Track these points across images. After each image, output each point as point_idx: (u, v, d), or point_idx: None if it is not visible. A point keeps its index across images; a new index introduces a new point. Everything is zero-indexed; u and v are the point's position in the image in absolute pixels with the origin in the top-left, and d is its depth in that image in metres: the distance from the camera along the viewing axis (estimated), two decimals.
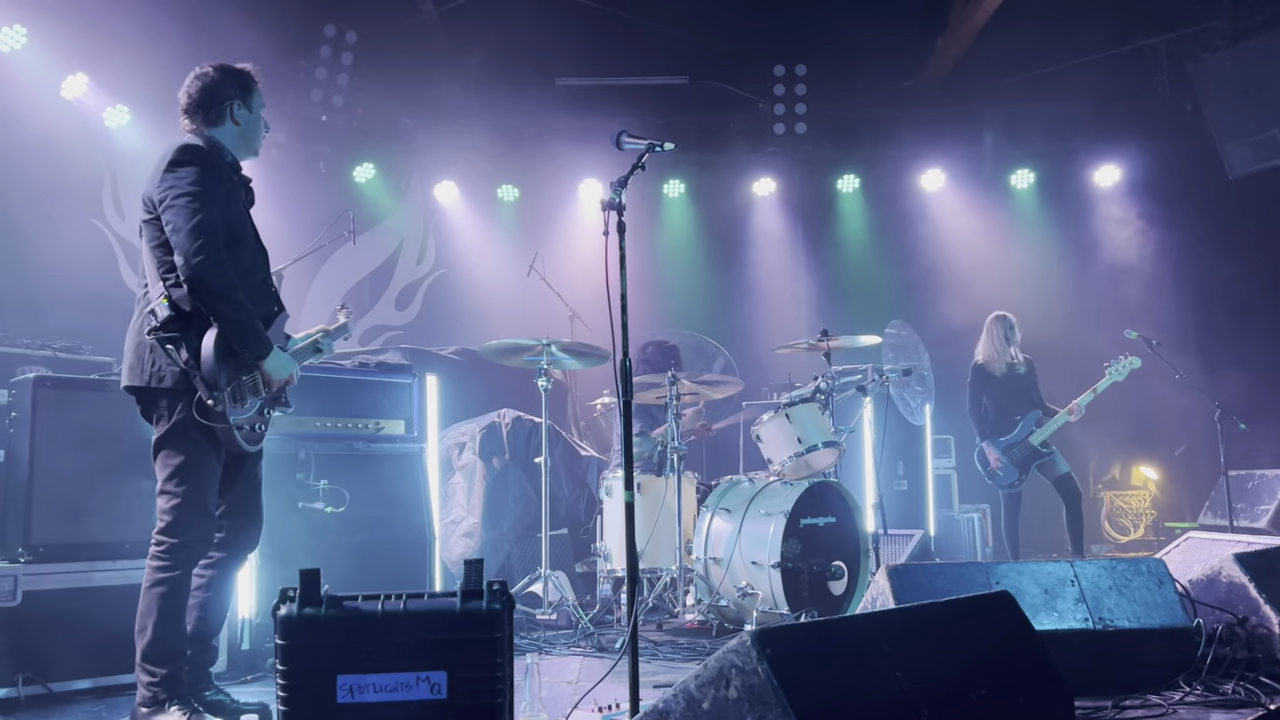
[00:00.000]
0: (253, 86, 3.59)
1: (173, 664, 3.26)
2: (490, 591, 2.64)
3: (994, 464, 6.70)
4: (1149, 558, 3.95)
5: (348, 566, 4.63)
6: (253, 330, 3.31)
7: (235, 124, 3.52)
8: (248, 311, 3.29)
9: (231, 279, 3.25)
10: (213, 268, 3.20)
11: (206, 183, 3.28)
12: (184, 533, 3.28)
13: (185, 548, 3.29)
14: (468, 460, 6.34)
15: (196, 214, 3.22)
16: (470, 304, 9.31)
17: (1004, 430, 6.75)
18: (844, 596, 5.32)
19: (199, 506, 3.30)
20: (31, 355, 5.38)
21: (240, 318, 3.26)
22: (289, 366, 3.46)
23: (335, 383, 5.08)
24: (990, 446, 6.74)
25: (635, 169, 3.41)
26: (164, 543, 3.28)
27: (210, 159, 3.36)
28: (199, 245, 3.18)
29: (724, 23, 8.82)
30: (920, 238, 9.60)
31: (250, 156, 3.63)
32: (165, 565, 3.27)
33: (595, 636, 4.96)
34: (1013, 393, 6.80)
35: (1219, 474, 7.15)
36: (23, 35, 6.70)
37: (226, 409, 3.22)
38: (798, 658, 2.33)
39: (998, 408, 6.80)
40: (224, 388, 3.21)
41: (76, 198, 7.20)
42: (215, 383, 3.18)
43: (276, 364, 3.39)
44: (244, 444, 3.31)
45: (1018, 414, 6.75)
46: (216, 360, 3.19)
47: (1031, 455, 6.66)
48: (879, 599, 3.71)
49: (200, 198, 3.24)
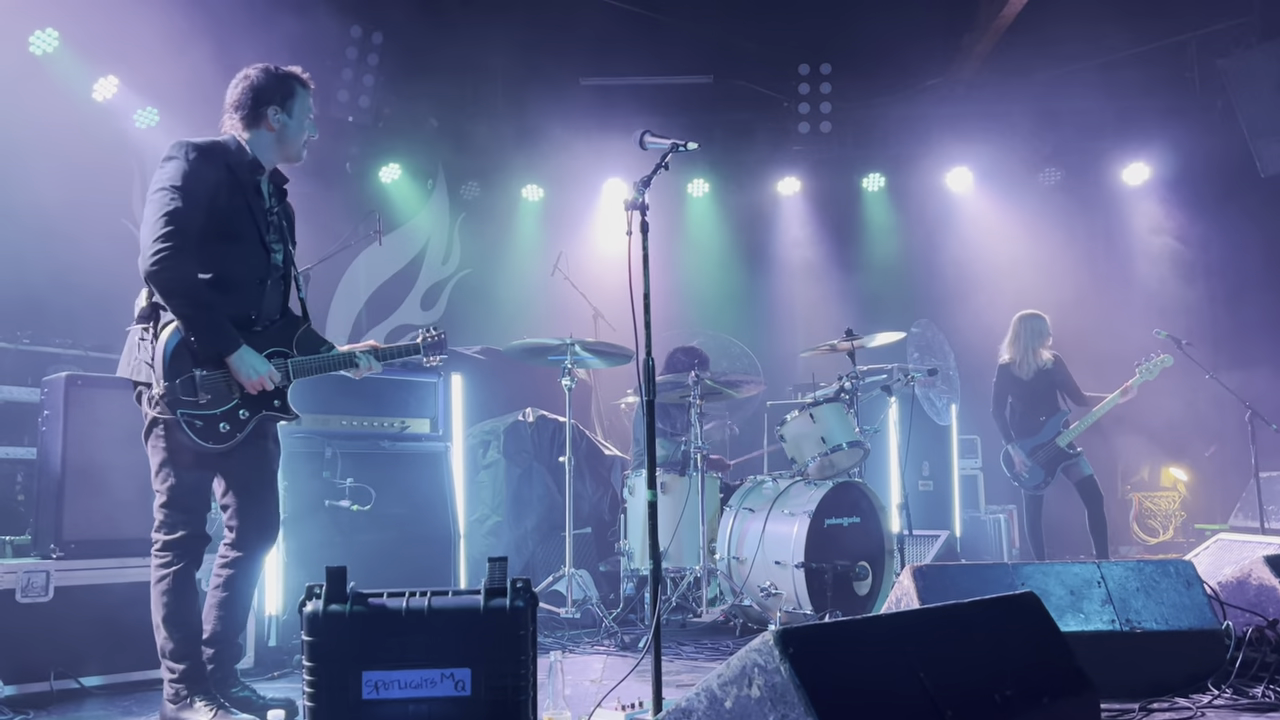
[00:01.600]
0: (296, 91, 3.55)
1: (190, 659, 3.29)
2: (514, 589, 2.66)
3: (1019, 467, 6.64)
4: (1177, 559, 3.92)
5: (373, 564, 4.67)
6: (209, 327, 3.26)
7: (270, 129, 3.50)
8: (204, 308, 3.25)
9: (186, 274, 3.22)
10: (166, 262, 3.18)
11: (185, 179, 3.26)
12: (173, 529, 3.31)
13: (177, 544, 3.31)
14: (492, 459, 6.37)
15: (163, 208, 3.21)
16: (495, 303, 9.34)
17: (1030, 432, 6.67)
18: (868, 597, 5.30)
19: (182, 501, 3.31)
20: (63, 355, 5.46)
21: (191, 314, 3.23)
22: (258, 367, 3.33)
23: (361, 381, 5.06)
24: (1016, 449, 6.67)
25: (659, 169, 3.40)
26: (158, 540, 3.33)
27: (201, 154, 3.32)
28: (157, 237, 3.19)
29: (748, 22, 8.80)
30: (946, 237, 9.53)
31: (288, 162, 3.61)
32: (163, 562, 3.31)
33: (618, 635, 4.97)
34: (1039, 393, 6.72)
35: (1250, 475, 7.05)
36: (55, 38, 6.78)
37: (174, 401, 3.20)
38: (820, 657, 2.33)
39: (1024, 409, 6.72)
40: (170, 378, 3.20)
41: (107, 198, 7.27)
42: (160, 373, 3.20)
43: (242, 363, 3.30)
44: (193, 438, 3.24)
45: (1043, 415, 6.67)
46: (169, 351, 3.21)
47: (1058, 456, 6.58)
48: (904, 599, 3.70)
49: (174, 192, 3.23)
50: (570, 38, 8.63)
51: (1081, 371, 7.03)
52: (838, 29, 8.85)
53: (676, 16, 8.62)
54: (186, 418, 3.24)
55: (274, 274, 3.53)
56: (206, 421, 3.28)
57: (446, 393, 5.51)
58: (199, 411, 3.27)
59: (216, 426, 3.30)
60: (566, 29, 8.61)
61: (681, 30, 8.69)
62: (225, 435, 3.32)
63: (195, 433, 3.25)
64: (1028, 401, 6.72)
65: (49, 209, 6.73)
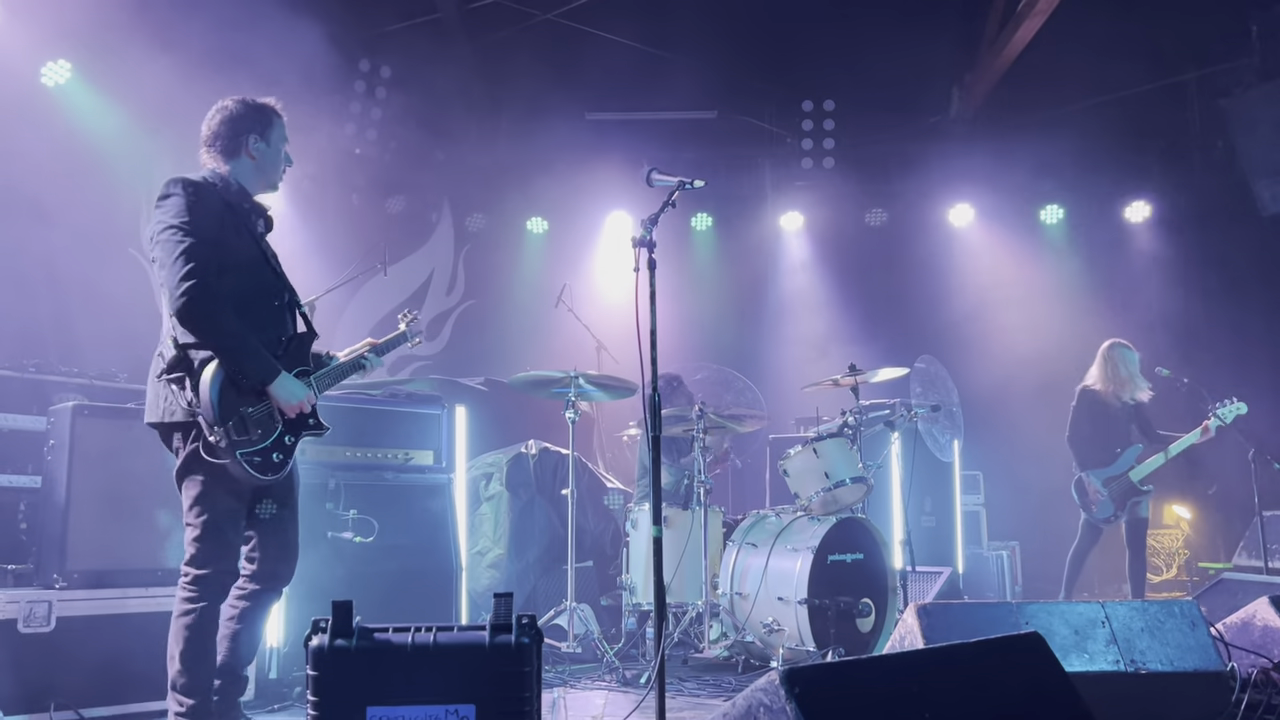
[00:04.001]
0: (273, 121, 3.59)
1: (200, 695, 3.28)
2: (519, 625, 2.65)
3: (1094, 496, 6.49)
4: (1182, 600, 3.90)
5: (374, 596, 4.65)
6: (252, 356, 3.28)
7: (251, 158, 3.52)
8: (243, 338, 3.26)
9: (219, 307, 3.24)
10: (198, 297, 3.19)
11: (192, 213, 3.27)
12: (206, 564, 3.30)
13: (209, 579, 3.30)
14: (495, 491, 6.37)
15: (179, 245, 3.22)
16: (499, 335, 9.38)
17: (1103, 462, 6.53)
18: (871, 634, 5.28)
19: (219, 537, 3.31)
20: (68, 383, 5.46)
21: (233, 345, 3.24)
22: (299, 392, 3.38)
23: (365, 413, 5.13)
24: (1091, 477, 6.53)
25: (666, 206, 3.44)
26: (189, 574, 3.31)
27: (199, 190, 3.35)
28: (182, 275, 3.19)
29: (753, 58, 8.90)
30: (949, 273, 9.58)
31: (267, 190, 3.62)
32: (191, 596, 3.29)
33: (620, 670, 4.95)
34: (1118, 424, 6.61)
35: (1254, 514, 7.04)
36: (67, 69, 6.86)
37: (231, 443, 3.20)
38: (826, 697, 2.32)
39: (1100, 439, 6.58)
40: (224, 422, 3.19)
41: (114, 228, 7.32)
42: (215, 419, 3.18)
43: (284, 390, 3.33)
44: (255, 474, 3.26)
45: (1119, 446, 6.55)
46: (215, 395, 3.19)
47: (1130, 491, 6.46)
48: (907, 638, 3.68)
49: (184, 229, 3.24)
50: (576, 72, 8.72)
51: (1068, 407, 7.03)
52: (841, 66, 8.94)
53: (681, 53, 8.71)
54: (246, 456, 3.25)
55: (285, 295, 3.57)
56: (263, 456, 3.31)
57: (450, 424, 5.51)
58: (254, 449, 3.28)
59: (271, 458, 3.33)
60: (572, 64, 8.71)
61: (686, 66, 8.78)
62: (279, 465, 3.36)
63: (255, 469, 3.27)
64: (1106, 431, 6.59)
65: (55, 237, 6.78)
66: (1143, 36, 8.34)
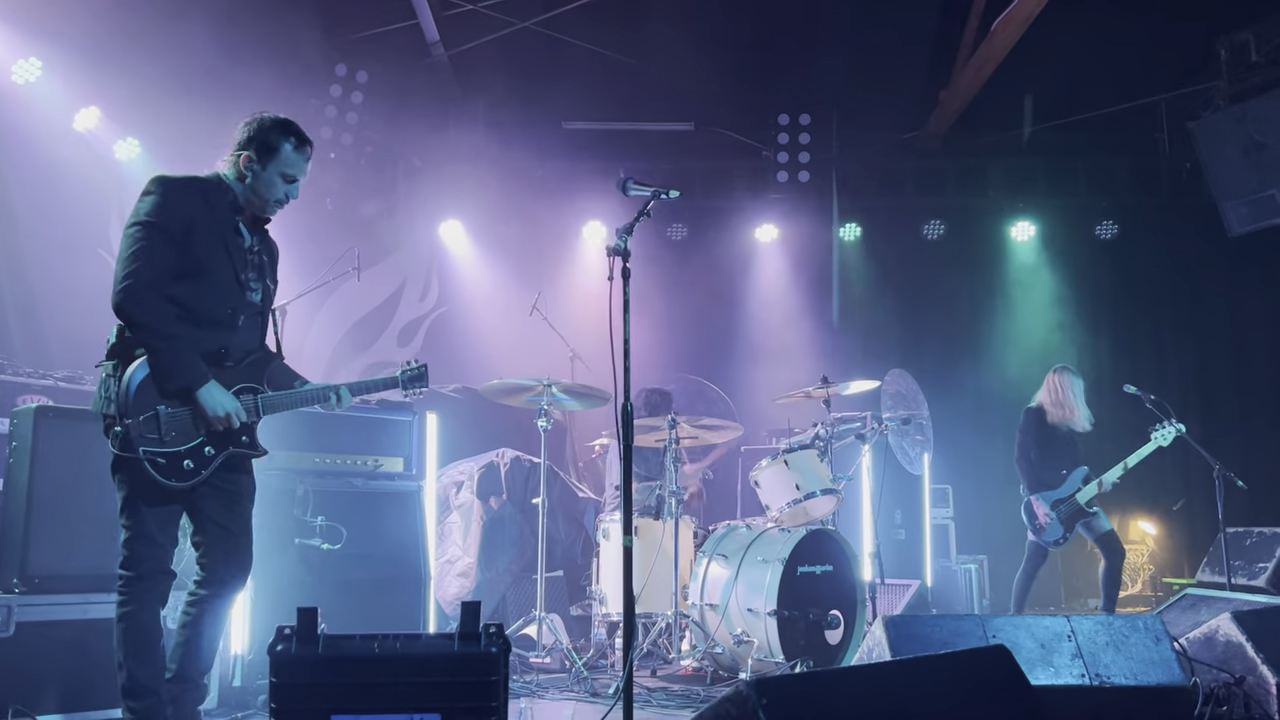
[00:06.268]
0: (279, 148, 3.51)
1: (149, 696, 3.23)
2: (487, 634, 2.64)
3: (1043, 519, 6.46)
4: (1146, 614, 3.94)
5: (341, 604, 4.60)
6: (178, 361, 3.25)
7: (241, 178, 3.49)
8: (171, 339, 3.25)
9: (154, 307, 3.23)
10: (134, 296, 3.20)
11: (160, 214, 3.27)
12: (136, 565, 3.26)
13: (140, 580, 3.26)
14: (465, 499, 6.33)
15: (136, 243, 3.23)
16: (472, 342, 9.34)
17: (1049, 484, 6.52)
18: (840, 646, 5.29)
19: (148, 538, 3.27)
20: (33, 385, 5.40)
21: (158, 345, 3.23)
22: (226, 404, 3.33)
23: (335, 419, 5.08)
24: (1039, 500, 6.49)
25: (641, 216, 3.44)
26: (122, 576, 3.28)
27: (179, 191, 3.34)
28: (127, 271, 3.20)
29: (730, 71, 8.94)
30: (920, 287, 9.65)
31: (257, 213, 3.57)
32: (124, 599, 3.26)
33: (589, 681, 4.93)
34: (1063, 445, 6.62)
35: (1217, 530, 7.12)
36: (38, 68, 6.79)
37: (136, 439, 3.18)
38: (794, 708, 2.33)
39: (1045, 460, 6.57)
40: (134, 414, 3.19)
41: (84, 228, 7.24)
42: (125, 409, 3.18)
43: (208, 397, 3.29)
44: (157, 476, 3.22)
45: (1064, 468, 6.55)
46: (134, 387, 3.20)
47: (1078, 513, 6.46)
48: (875, 650, 3.69)
49: (147, 228, 3.25)
50: (553, 81, 8.73)
51: None
52: (817, 81, 9.01)
53: (659, 64, 8.74)
54: (149, 455, 3.21)
55: (249, 310, 3.51)
56: (169, 459, 3.25)
57: (421, 431, 5.48)
58: (162, 449, 3.24)
59: (180, 464, 3.27)
60: (550, 73, 8.71)
61: (663, 78, 8.81)
62: (189, 473, 3.29)
63: (158, 470, 3.22)
64: (1052, 453, 6.59)
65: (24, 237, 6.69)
66: (1113, 58, 8.46)
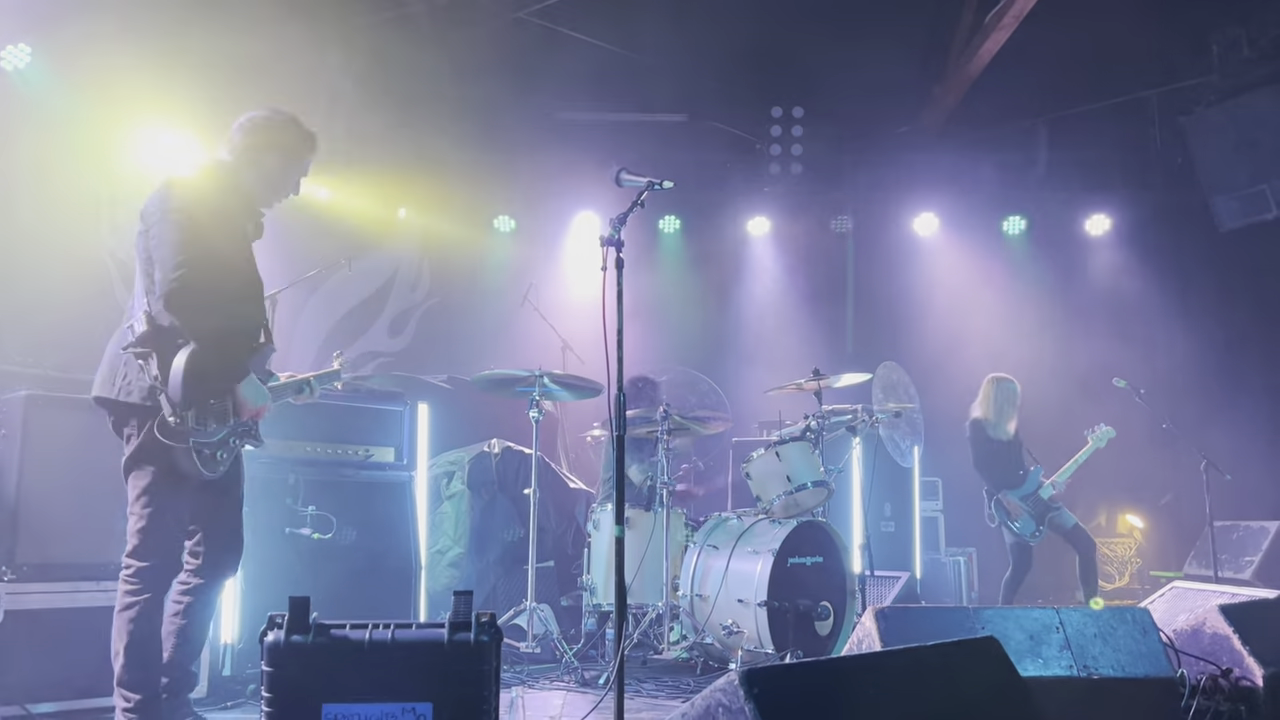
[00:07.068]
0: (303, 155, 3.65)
1: (147, 689, 3.24)
2: (479, 624, 2.64)
3: (1015, 511, 6.58)
4: (1134, 606, 3.96)
5: (332, 593, 4.61)
6: (230, 352, 3.30)
7: (265, 174, 3.56)
8: (226, 331, 3.28)
9: (209, 298, 3.25)
10: (192, 283, 3.20)
11: (198, 205, 3.31)
12: (150, 555, 3.27)
13: (152, 570, 3.27)
14: (456, 490, 6.33)
15: (183, 230, 3.24)
16: (463, 332, 9.32)
17: (1014, 484, 6.67)
18: (829, 637, 5.30)
19: (164, 529, 3.28)
20: (23, 373, 5.36)
21: (217, 336, 3.25)
22: (263, 396, 3.41)
23: (326, 409, 5.07)
24: (1009, 496, 6.62)
25: (635, 206, 3.44)
26: (131, 565, 3.28)
27: (210, 185, 3.38)
28: (180, 260, 3.20)
29: (724, 63, 8.93)
30: (912, 281, 9.67)
31: (264, 205, 3.64)
32: (133, 589, 3.26)
33: (579, 671, 4.94)
34: (1012, 449, 6.79)
35: (1204, 524, 7.17)
36: (26, 54, 6.73)
37: (189, 428, 3.20)
38: (784, 699, 2.33)
39: (1002, 466, 6.73)
40: (188, 407, 3.19)
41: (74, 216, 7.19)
42: (180, 400, 3.17)
43: (251, 390, 3.36)
44: (200, 468, 3.26)
45: (1020, 469, 6.71)
46: (185, 378, 3.18)
47: (1045, 508, 6.61)
48: (865, 641, 3.70)
49: (189, 215, 3.27)
50: (547, 72, 8.69)
51: (1036, 416, 7.12)
52: (811, 74, 9.00)
53: (653, 55, 8.72)
54: (197, 445, 3.24)
55: (261, 304, 3.60)
56: (211, 450, 3.30)
57: (412, 421, 5.47)
58: (207, 439, 3.27)
59: (216, 455, 3.33)
60: (543, 63, 8.68)
61: (657, 69, 8.79)
62: (221, 463, 3.36)
63: (201, 461, 3.26)
64: (1005, 457, 6.75)
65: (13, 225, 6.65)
66: (1106, 53, 8.46)
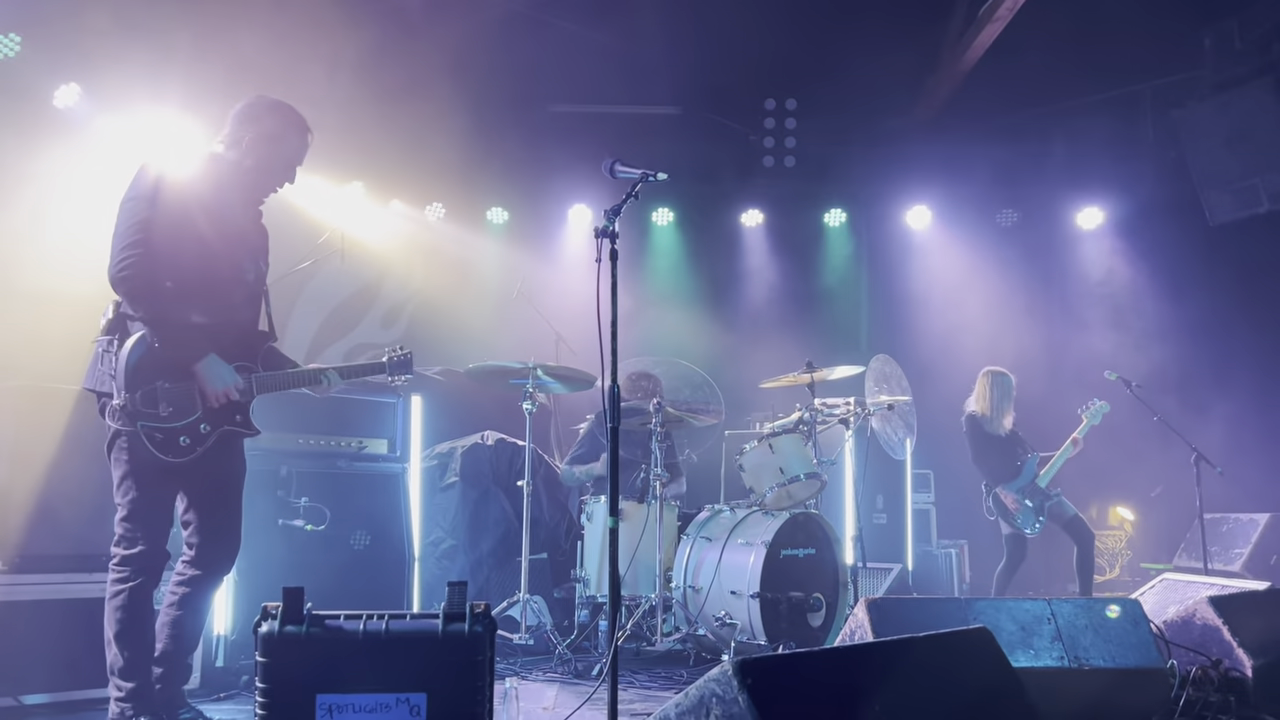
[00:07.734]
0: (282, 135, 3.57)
1: (139, 677, 3.24)
2: (473, 614, 2.64)
3: (1013, 507, 6.61)
4: (1125, 598, 3.98)
5: (325, 585, 4.60)
6: (178, 332, 3.27)
7: (245, 159, 3.51)
8: (173, 316, 3.26)
9: (153, 279, 3.23)
10: (133, 267, 3.20)
11: (162, 189, 3.28)
12: (131, 543, 3.26)
13: (135, 559, 3.26)
14: (450, 481, 6.33)
15: (133, 217, 3.24)
16: (456, 325, 9.29)
17: (1010, 476, 6.70)
18: (822, 629, 5.32)
19: (145, 516, 3.27)
20: None
21: (164, 322, 3.24)
22: (226, 378, 3.35)
23: (319, 400, 5.04)
24: (1005, 490, 6.66)
25: (629, 198, 3.44)
26: (116, 554, 3.28)
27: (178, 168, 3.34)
28: (125, 245, 3.20)
29: (717, 55, 8.91)
30: (905, 273, 9.68)
31: (260, 194, 3.60)
32: (119, 577, 3.26)
33: (572, 663, 4.95)
34: (1008, 441, 6.82)
35: (1195, 516, 7.20)
36: (15, 43, 6.69)
37: (134, 413, 3.18)
38: (778, 689, 2.34)
39: (999, 457, 6.76)
40: (132, 390, 3.18)
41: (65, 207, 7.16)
42: (123, 384, 3.18)
43: (210, 371, 3.30)
44: (154, 451, 3.22)
45: (1018, 460, 6.74)
46: (131, 361, 3.20)
47: (1043, 498, 6.64)
48: (857, 632, 3.72)
49: (145, 201, 3.25)
50: (540, 64, 8.67)
51: (1027, 408, 7.15)
52: (805, 67, 8.99)
53: (646, 47, 8.70)
54: (146, 430, 3.21)
55: (245, 290, 3.53)
56: (166, 434, 3.25)
57: (405, 413, 5.47)
58: (159, 424, 3.24)
59: (176, 439, 3.27)
60: (536, 55, 8.66)
61: (651, 61, 8.77)
62: (185, 449, 3.29)
63: (155, 445, 3.22)
64: (1002, 450, 6.78)
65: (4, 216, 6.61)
66: (1099, 47, 8.47)
